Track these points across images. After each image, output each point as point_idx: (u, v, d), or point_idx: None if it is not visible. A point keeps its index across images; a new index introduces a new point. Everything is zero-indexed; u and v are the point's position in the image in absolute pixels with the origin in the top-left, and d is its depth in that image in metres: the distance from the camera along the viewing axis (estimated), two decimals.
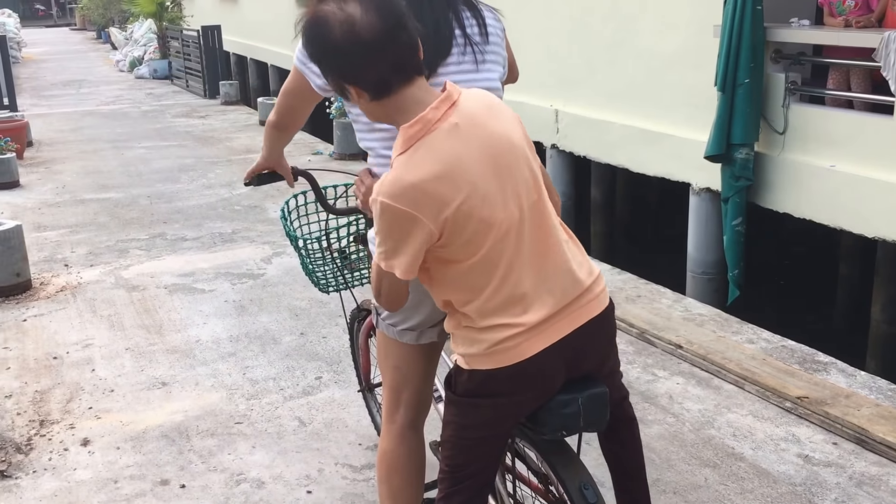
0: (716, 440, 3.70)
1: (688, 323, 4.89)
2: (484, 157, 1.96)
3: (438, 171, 1.91)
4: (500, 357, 2.04)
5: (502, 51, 2.46)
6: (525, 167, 2.03)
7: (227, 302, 5.53)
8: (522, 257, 2.02)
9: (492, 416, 2.14)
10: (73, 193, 8.82)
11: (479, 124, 1.98)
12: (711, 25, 6.40)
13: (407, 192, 1.89)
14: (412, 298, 2.34)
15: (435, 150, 1.92)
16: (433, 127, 1.93)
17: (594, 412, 2.14)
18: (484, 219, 1.95)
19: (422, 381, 2.55)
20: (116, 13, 31.55)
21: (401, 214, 1.90)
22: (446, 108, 1.96)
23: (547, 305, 2.04)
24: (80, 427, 3.98)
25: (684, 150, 6.88)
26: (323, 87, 2.38)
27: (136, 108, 15.53)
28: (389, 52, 1.92)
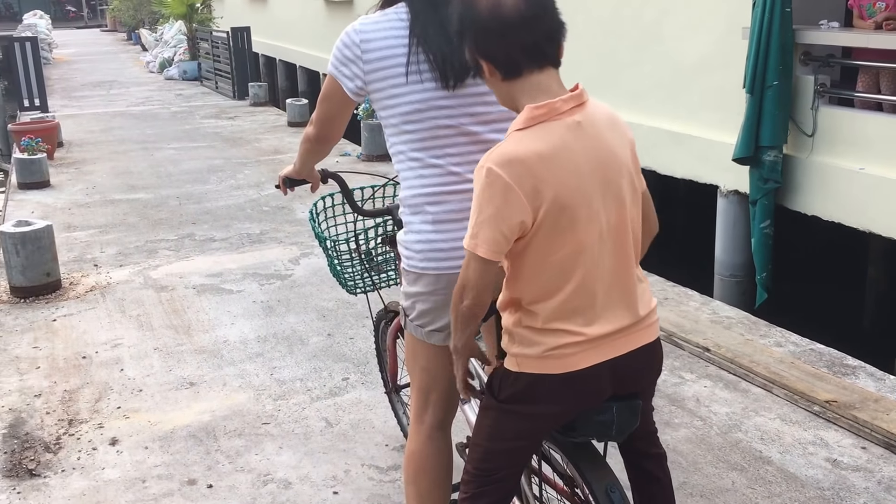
0: (743, 444, 3.68)
1: (715, 326, 4.86)
2: (592, 162, 1.99)
3: (548, 155, 1.95)
4: (555, 363, 2.05)
5: None
6: (626, 187, 2.06)
7: (254, 302, 5.57)
8: (599, 270, 2.03)
9: (529, 426, 2.15)
10: (103, 194, 8.91)
11: (598, 132, 2.02)
12: (740, 27, 6.37)
13: (513, 164, 1.93)
14: (441, 299, 2.36)
15: (551, 135, 1.97)
16: (557, 116, 1.98)
17: (626, 421, 2.15)
18: (576, 218, 1.98)
19: (450, 382, 2.55)
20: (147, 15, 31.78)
21: (502, 185, 1.93)
22: (574, 104, 2.00)
23: (610, 323, 2.06)
24: (108, 426, 4.02)
25: (712, 152, 6.84)
26: (355, 90, 2.40)
27: (165, 109, 15.66)
28: (525, 36, 1.97)
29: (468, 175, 2.30)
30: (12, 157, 9.34)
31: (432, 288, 2.37)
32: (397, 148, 2.40)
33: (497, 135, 2.33)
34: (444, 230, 2.33)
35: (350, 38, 2.37)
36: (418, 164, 2.35)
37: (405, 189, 2.40)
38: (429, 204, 2.34)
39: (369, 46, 2.34)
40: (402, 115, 2.34)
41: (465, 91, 2.30)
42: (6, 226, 5.87)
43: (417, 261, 2.37)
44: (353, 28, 2.39)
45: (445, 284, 2.34)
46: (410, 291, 2.42)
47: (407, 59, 2.31)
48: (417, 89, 2.31)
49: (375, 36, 2.35)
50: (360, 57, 2.35)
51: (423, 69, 2.30)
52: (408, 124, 2.33)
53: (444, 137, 2.32)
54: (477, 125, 2.33)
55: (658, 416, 3.88)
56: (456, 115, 2.31)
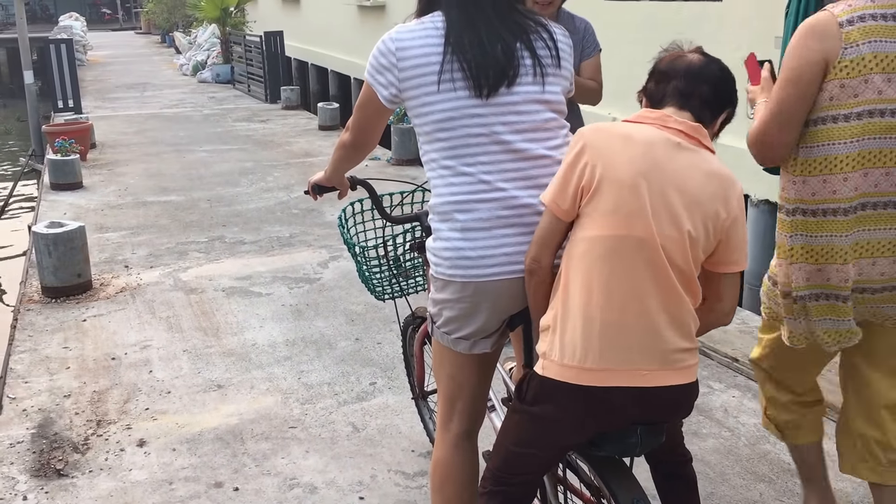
0: (771, 455, 3.64)
1: (744, 336, 4.82)
2: (666, 179, 2.09)
3: (631, 139, 2.12)
4: (572, 373, 2.08)
5: (569, 65, 2.47)
6: (697, 224, 2.10)
7: (283, 306, 5.58)
8: (633, 283, 2.06)
9: (549, 433, 2.16)
10: (135, 195, 8.98)
11: (691, 167, 2.13)
12: (773, 37, 6.31)
13: (598, 132, 2.15)
14: (467, 306, 2.35)
15: (648, 134, 2.14)
16: (663, 127, 2.16)
17: (651, 442, 2.17)
18: (624, 209, 2.06)
19: (476, 390, 2.55)
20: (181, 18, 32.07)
21: (581, 146, 2.15)
22: (684, 129, 2.16)
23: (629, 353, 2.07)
24: (136, 428, 4.05)
25: (743, 161, 6.76)
26: (389, 98, 2.40)
27: (198, 111, 15.78)
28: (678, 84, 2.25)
29: (498, 184, 2.30)
30: (46, 158, 9.43)
31: (459, 295, 2.36)
32: (430, 156, 2.40)
33: (529, 144, 2.32)
34: (473, 238, 2.32)
35: (386, 45, 2.38)
36: (449, 172, 2.35)
37: (435, 196, 2.39)
38: (458, 212, 2.33)
39: (405, 54, 2.34)
40: (435, 122, 2.33)
41: (497, 100, 2.30)
42: (39, 227, 5.93)
43: (445, 268, 2.36)
44: (389, 36, 2.39)
45: (472, 292, 2.33)
46: (438, 298, 2.42)
47: (440, 66, 2.31)
48: (450, 97, 2.30)
49: (411, 44, 2.35)
50: (395, 65, 2.35)
51: (457, 77, 2.30)
52: (440, 132, 2.33)
53: (476, 146, 2.31)
54: (510, 134, 2.32)
55: (686, 425, 3.85)
56: (489, 123, 2.31)
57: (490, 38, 2.32)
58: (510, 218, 2.30)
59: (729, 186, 2.16)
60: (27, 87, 13.92)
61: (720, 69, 2.26)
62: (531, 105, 2.34)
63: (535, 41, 2.37)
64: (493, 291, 2.33)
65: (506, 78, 2.30)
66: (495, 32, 2.33)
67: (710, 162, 2.16)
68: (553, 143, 2.37)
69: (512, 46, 2.33)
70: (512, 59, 2.32)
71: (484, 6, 2.35)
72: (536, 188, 2.30)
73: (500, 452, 2.27)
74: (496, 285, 2.31)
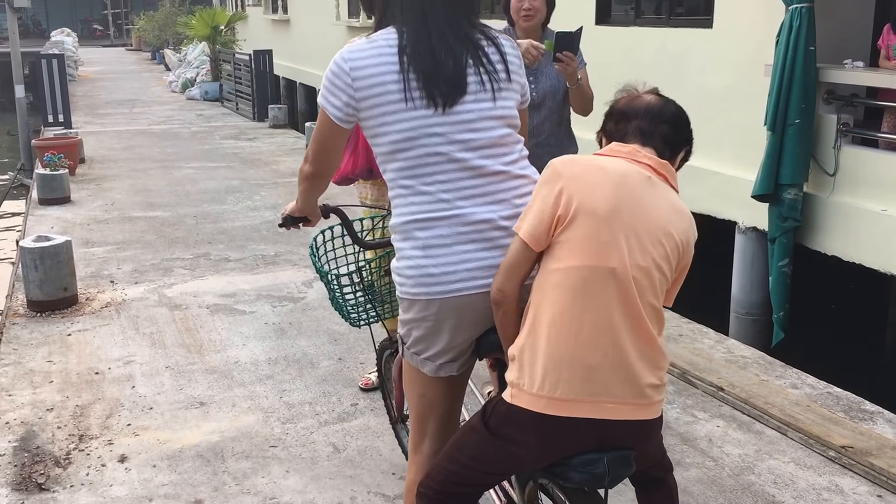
0: (756, 487, 3.63)
1: (730, 365, 4.81)
2: (643, 210, 2.12)
3: (605, 171, 2.15)
4: (547, 403, 2.08)
5: (521, 79, 2.47)
6: (663, 258, 2.14)
7: (266, 324, 5.55)
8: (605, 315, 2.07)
9: (507, 458, 2.21)
10: (122, 211, 8.95)
11: (661, 202, 2.17)
12: (763, 64, 6.36)
13: (570, 161, 2.18)
14: (432, 325, 2.34)
15: (618, 165, 2.18)
16: (634, 161, 2.19)
17: (620, 470, 2.15)
18: (598, 240, 2.07)
19: (447, 410, 2.54)
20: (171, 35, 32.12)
21: (553, 173, 2.16)
22: (652, 165, 2.20)
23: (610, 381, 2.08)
24: (118, 443, 4.00)
25: (731, 189, 6.82)
26: (344, 119, 2.36)
27: (186, 128, 15.76)
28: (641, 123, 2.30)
29: (457, 202, 2.30)
30: (34, 173, 9.40)
31: (424, 314, 2.34)
32: (388, 175, 2.38)
33: (486, 160, 2.32)
34: (434, 255, 2.31)
35: (339, 66, 2.33)
36: (408, 192, 2.34)
37: (396, 216, 2.38)
38: (418, 230, 2.32)
39: (359, 74, 2.31)
40: (393, 142, 2.32)
41: (453, 118, 2.28)
42: (26, 241, 5.89)
43: (409, 287, 2.35)
44: (340, 56, 2.35)
45: (437, 310, 2.32)
46: (405, 318, 2.41)
47: (400, 84, 2.29)
48: (409, 116, 2.28)
49: (365, 63, 2.31)
50: (350, 85, 2.31)
51: (415, 96, 2.28)
52: (399, 152, 2.32)
53: (434, 165, 2.30)
54: (466, 152, 2.31)
55: (669, 454, 3.82)
56: (444, 142, 2.29)
57: (442, 53, 2.30)
58: (470, 234, 2.30)
59: (691, 225, 2.23)
60: (18, 101, 13.91)
61: (677, 109, 2.36)
62: (486, 122, 2.33)
63: (485, 55, 2.36)
64: (456, 307, 2.31)
65: (459, 92, 2.30)
66: (447, 47, 2.31)
67: (677, 199, 2.22)
68: (509, 158, 2.37)
69: (463, 61, 2.32)
70: (463, 74, 2.31)
71: (436, 21, 2.33)
72: (495, 204, 2.31)
73: (453, 464, 2.28)
74: (459, 301, 2.30)
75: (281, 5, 21.45)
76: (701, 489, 3.61)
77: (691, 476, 3.70)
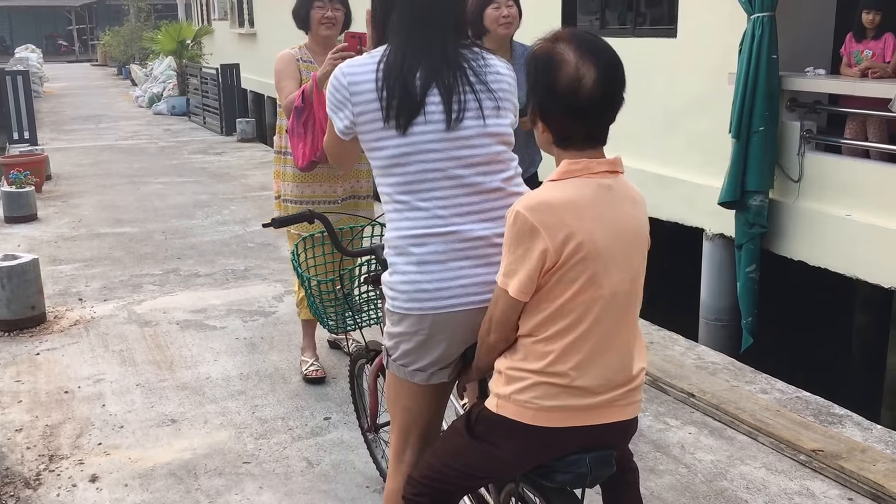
0: (728, 492, 3.65)
1: (700, 371, 4.85)
2: (616, 224, 2.09)
3: (578, 205, 2.05)
4: (534, 414, 2.09)
5: (513, 98, 2.49)
6: (640, 258, 2.15)
7: (237, 339, 5.52)
8: (601, 329, 2.08)
9: (492, 465, 2.22)
10: (90, 227, 8.87)
11: (625, 202, 2.13)
12: (727, 73, 6.43)
13: (542, 209, 2.04)
14: (423, 339, 2.35)
15: (582, 189, 2.08)
16: (590, 175, 2.09)
17: (601, 469, 2.19)
18: (593, 271, 2.05)
19: (431, 421, 2.55)
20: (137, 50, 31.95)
21: (529, 228, 2.04)
22: (608, 169, 2.12)
23: (599, 391, 2.10)
24: (88, 463, 3.96)
25: (698, 196, 6.88)
26: (345, 131, 2.41)
27: (153, 143, 15.66)
28: (589, 121, 2.10)
29: (453, 219, 2.32)
30: (0, 191, 9.30)
31: (416, 328, 2.36)
32: (384, 189, 2.40)
33: (482, 178, 2.34)
34: (429, 271, 2.32)
35: (339, 81, 2.38)
36: (405, 207, 2.35)
37: (391, 230, 2.40)
38: (413, 245, 2.34)
39: (357, 89, 2.34)
40: (390, 157, 2.34)
41: (451, 135, 2.31)
42: None
43: (402, 301, 2.36)
44: (340, 70, 2.39)
45: (429, 325, 2.33)
46: (394, 332, 2.41)
47: (380, 101, 2.32)
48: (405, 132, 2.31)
49: (363, 78, 2.35)
50: (349, 99, 2.35)
51: (391, 115, 2.31)
52: (395, 167, 2.34)
53: (431, 181, 2.32)
54: (461, 168, 2.33)
55: (642, 462, 3.86)
56: (442, 158, 2.32)
57: (433, 73, 2.33)
58: (465, 250, 2.31)
59: (642, 201, 2.20)
60: None
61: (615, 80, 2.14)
62: (481, 139, 2.35)
63: (479, 75, 2.38)
64: (450, 323, 2.33)
65: (451, 111, 2.32)
66: (438, 67, 2.34)
67: (629, 187, 2.17)
68: (505, 175, 2.39)
69: (457, 80, 2.34)
70: (455, 93, 2.33)
71: (430, 40, 2.35)
72: (490, 221, 2.33)
73: (434, 466, 2.30)
74: (453, 317, 2.31)
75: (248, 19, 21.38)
76: (674, 496, 3.63)
77: (665, 483, 3.72)
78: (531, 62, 2.13)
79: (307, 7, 4.46)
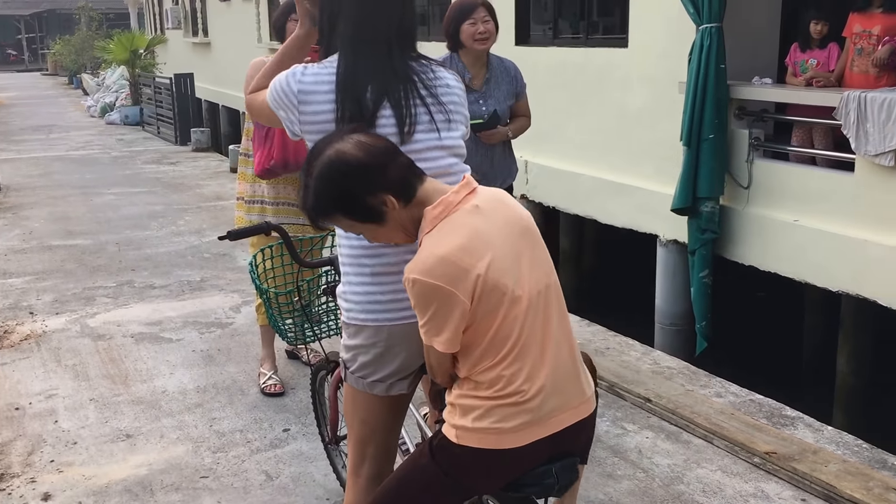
0: (685, 496, 3.70)
1: (657, 376, 4.91)
2: (504, 233, 2.08)
3: (463, 243, 2.02)
4: (496, 438, 2.08)
5: (464, 110, 2.50)
6: (540, 248, 2.15)
7: (194, 352, 5.48)
8: (535, 335, 2.08)
9: (459, 492, 2.21)
10: (41, 240, 8.74)
11: (499, 207, 2.12)
12: (677, 82, 6.52)
13: (438, 266, 2.00)
14: (381, 350, 2.35)
15: (458, 225, 2.06)
16: (455, 208, 2.08)
17: (566, 478, 2.20)
18: (506, 291, 2.04)
19: (389, 433, 2.54)
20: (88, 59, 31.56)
21: (435, 289, 2.00)
22: (466, 192, 2.11)
23: (554, 398, 2.10)
24: (41, 481, 3.90)
25: (652, 203, 6.96)
26: (293, 131, 2.40)
27: (106, 153, 15.47)
28: (401, 157, 2.13)
29: None
30: None
31: (373, 340, 2.36)
32: None
33: None
34: (383, 282, 2.33)
35: (289, 84, 2.35)
36: (353, 235, 2.35)
37: (343, 243, 2.39)
38: (366, 257, 2.34)
39: (306, 98, 2.33)
40: None
41: (403, 148, 2.30)
42: None
43: (357, 313, 2.36)
44: (292, 73, 2.36)
45: (386, 336, 2.34)
46: (351, 344, 2.41)
47: (336, 113, 2.31)
48: None
49: (314, 88, 2.34)
50: (295, 106, 2.34)
51: None
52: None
53: None
54: None
55: (601, 467, 3.90)
56: None
57: (384, 87, 2.32)
58: None
59: (507, 197, 2.20)
60: None
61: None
62: (433, 152, 2.36)
63: (429, 88, 2.39)
64: (407, 334, 2.32)
65: (403, 125, 2.32)
66: (388, 81, 2.33)
67: (488, 193, 2.15)
68: None
69: (408, 94, 2.34)
70: (406, 107, 2.33)
71: (379, 53, 2.35)
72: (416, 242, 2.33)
73: (397, 495, 2.26)
74: (410, 328, 2.31)
75: (202, 28, 21.23)
76: (633, 501, 3.67)
77: (623, 488, 3.76)
78: (328, 176, 2.09)
79: (283, 19, 4.53)
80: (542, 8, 8.95)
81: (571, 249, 8.57)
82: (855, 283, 5.48)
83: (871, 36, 5.89)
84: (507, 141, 4.48)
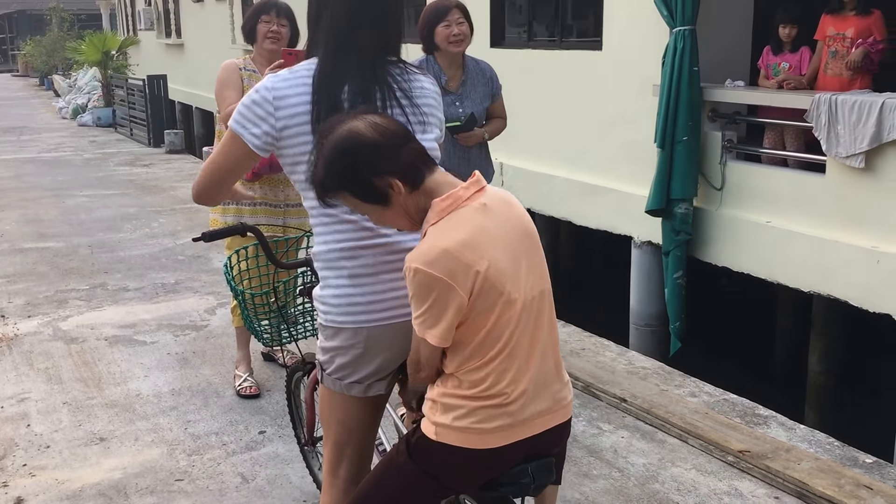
0: (661, 495, 3.73)
1: (631, 376, 4.94)
2: (508, 235, 2.09)
3: (466, 238, 2.03)
4: (476, 438, 2.09)
5: (439, 113, 2.51)
6: (538, 254, 2.18)
7: (169, 354, 5.45)
8: (524, 339, 2.10)
9: (436, 491, 2.21)
10: (12, 242, 8.65)
11: (505, 209, 2.14)
12: (651, 84, 6.57)
13: (440, 259, 2.00)
14: (360, 352, 2.35)
15: (464, 220, 2.06)
16: (463, 203, 2.08)
17: (543, 478, 2.22)
18: (503, 291, 2.05)
19: (366, 435, 2.54)
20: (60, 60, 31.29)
21: (435, 281, 2.00)
22: (475, 190, 2.11)
23: (534, 402, 2.12)
24: (13, 485, 3.87)
25: (626, 204, 7.00)
26: (262, 147, 2.36)
27: (78, 155, 15.34)
28: (414, 142, 2.13)
29: (381, 230, 2.32)
30: None
31: (351, 342, 2.35)
32: (311, 203, 2.38)
33: None
34: (361, 284, 2.33)
35: (262, 95, 2.34)
36: (332, 220, 2.34)
37: (319, 244, 2.39)
38: (344, 259, 2.34)
39: (282, 103, 2.33)
40: None
41: None
42: None
43: (335, 315, 2.36)
44: (263, 86, 2.36)
45: (365, 338, 2.34)
46: (328, 346, 2.41)
47: (312, 115, 2.31)
48: None
49: (288, 93, 2.34)
50: (272, 114, 2.33)
51: None
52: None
53: None
54: None
55: (577, 467, 3.92)
56: None
57: (361, 90, 2.33)
58: (395, 263, 2.31)
59: (513, 200, 2.21)
60: None
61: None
62: None
63: (405, 91, 2.39)
64: (386, 336, 2.33)
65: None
66: (363, 83, 2.34)
67: (496, 193, 2.17)
68: None
69: (384, 97, 2.35)
70: (382, 109, 2.33)
71: (355, 56, 2.35)
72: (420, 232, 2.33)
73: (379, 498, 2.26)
74: (389, 330, 2.32)
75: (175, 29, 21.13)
76: (609, 500, 3.69)
77: (599, 487, 3.78)
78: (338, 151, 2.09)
79: (254, 21, 4.50)
80: (516, 10, 8.99)
81: (547, 251, 8.54)
82: (826, 284, 5.55)
83: (845, 38, 5.96)
84: (483, 143, 4.51)
